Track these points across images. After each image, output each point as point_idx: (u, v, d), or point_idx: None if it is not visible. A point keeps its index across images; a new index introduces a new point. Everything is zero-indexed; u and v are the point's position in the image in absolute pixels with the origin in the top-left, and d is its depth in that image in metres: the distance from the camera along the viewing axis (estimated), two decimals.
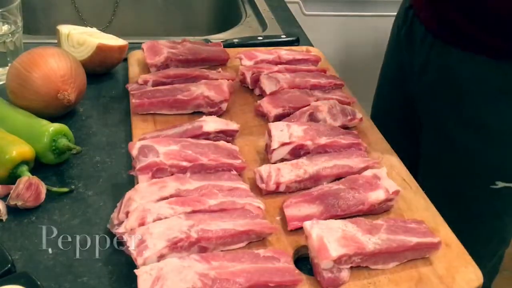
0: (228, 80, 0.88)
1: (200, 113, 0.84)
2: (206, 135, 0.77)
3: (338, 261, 0.58)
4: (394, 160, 0.79)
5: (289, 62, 0.96)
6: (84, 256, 0.63)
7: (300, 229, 0.66)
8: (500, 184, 0.95)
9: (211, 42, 1.04)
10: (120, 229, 0.62)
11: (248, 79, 0.91)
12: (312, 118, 0.81)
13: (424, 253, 0.63)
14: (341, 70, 1.10)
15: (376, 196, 0.67)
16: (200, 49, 0.97)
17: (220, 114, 0.84)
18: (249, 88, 0.92)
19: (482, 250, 0.61)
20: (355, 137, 0.78)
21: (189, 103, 0.84)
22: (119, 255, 0.61)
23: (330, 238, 0.59)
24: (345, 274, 0.59)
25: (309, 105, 0.83)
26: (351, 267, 0.61)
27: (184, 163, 0.70)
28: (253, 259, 0.59)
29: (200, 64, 0.96)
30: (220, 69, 0.92)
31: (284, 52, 0.98)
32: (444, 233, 0.67)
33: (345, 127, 0.82)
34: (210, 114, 0.82)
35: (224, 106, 0.85)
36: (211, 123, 0.77)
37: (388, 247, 0.60)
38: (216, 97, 0.84)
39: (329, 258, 0.58)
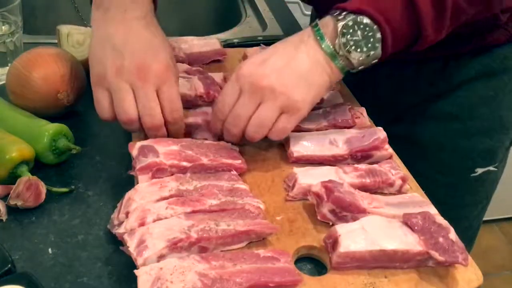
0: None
1: None
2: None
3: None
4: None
5: None
6: (84, 256, 0.63)
7: (300, 229, 0.66)
8: (480, 171, 0.96)
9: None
10: (120, 230, 0.62)
11: None
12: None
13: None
14: None
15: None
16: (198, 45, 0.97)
17: None
18: None
19: (461, 239, 0.63)
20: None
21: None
22: (119, 255, 0.61)
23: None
24: None
25: None
26: (351, 268, 0.61)
27: (184, 163, 0.70)
28: (253, 259, 0.59)
29: (199, 62, 0.96)
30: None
31: None
32: None
33: (349, 126, 0.82)
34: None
35: None
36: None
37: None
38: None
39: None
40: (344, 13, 0.70)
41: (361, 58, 0.70)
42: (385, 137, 0.76)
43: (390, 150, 0.77)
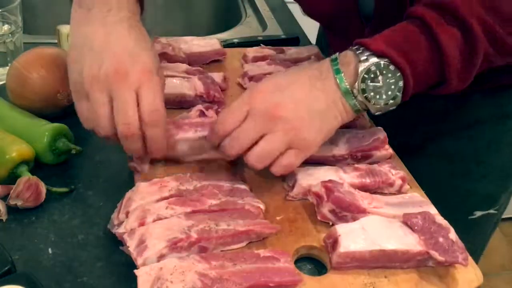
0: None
1: None
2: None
3: None
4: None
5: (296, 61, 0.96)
6: (84, 256, 0.63)
7: (300, 229, 0.66)
8: (478, 214, 0.92)
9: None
10: (120, 229, 0.62)
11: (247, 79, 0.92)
12: None
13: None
14: None
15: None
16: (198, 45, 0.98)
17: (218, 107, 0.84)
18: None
19: None
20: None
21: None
22: (119, 255, 0.61)
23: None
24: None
25: None
26: (351, 268, 0.61)
27: None
28: (253, 259, 0.59)
29: (199, 62, 0.96)
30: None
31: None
32: None
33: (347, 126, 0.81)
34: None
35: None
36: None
37: None
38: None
39: None
40: (367, 53, 0.66)
41: (379, 106, 0.67)
42: (385, 137, 0.76)
43: (390, 150, 0.77)
